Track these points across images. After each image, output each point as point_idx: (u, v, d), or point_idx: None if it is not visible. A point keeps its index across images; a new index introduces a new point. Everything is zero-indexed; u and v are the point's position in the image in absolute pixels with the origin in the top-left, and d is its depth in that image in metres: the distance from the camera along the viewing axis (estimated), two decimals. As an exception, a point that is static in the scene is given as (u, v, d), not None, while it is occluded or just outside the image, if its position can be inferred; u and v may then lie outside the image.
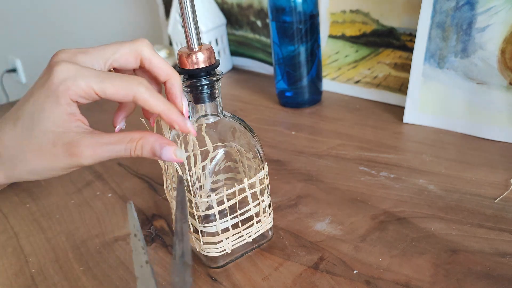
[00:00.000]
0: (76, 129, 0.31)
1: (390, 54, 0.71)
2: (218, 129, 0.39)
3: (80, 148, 0.31)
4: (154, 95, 0.31)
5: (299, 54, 0.70)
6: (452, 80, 0.60)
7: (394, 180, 0.51)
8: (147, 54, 0.34)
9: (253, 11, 0.90)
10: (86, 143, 0.31)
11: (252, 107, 0.77)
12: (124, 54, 0.33)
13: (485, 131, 0.58)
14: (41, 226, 0.50)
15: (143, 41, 0.34)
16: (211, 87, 0.37)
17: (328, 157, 0.58)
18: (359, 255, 0.40)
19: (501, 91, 0.56)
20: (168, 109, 0.32)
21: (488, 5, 0.55)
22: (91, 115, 0.86)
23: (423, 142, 0.59)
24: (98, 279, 0.41)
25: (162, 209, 0.50)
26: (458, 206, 0.45)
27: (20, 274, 0.43)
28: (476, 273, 0.37)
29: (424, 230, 0.43)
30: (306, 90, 0.73)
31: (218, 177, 0.42)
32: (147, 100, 0.31)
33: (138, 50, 0.34)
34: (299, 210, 0.48)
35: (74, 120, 0.31)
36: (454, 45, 0.59)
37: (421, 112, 0.63)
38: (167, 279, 0.40)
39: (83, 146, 0.31)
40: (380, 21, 0.70)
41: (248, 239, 0.41)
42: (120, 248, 0.45)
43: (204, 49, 0.35)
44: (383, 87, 0.72)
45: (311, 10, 0.68)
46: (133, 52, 0.34)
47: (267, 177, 0.40)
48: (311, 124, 0.68)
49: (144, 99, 0.31)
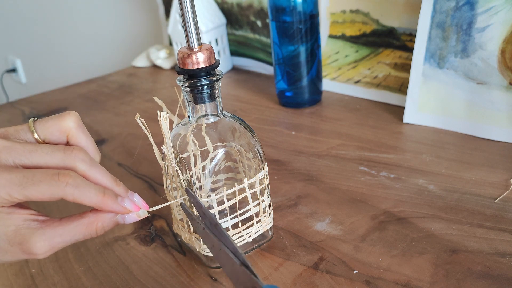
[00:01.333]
0: (25, 225, 0.29)
1: (390, 54, 0.71)
2: (218, 129, 0.39)
3: (35, 247, 0.29)
4: (84, 191, 0.29)
5: (299, 54, 0.70)
6: (452, 80, 0.60)
7: (394, 180, 0.51)
8: (80, 171, 0.30)
9: (253, 11, 0.90)
10: (39, 240, 0.29)
11: (252, 107, 0.77)
12: (52, 166, 0.29)
13: (485, 131, 0.58)
14: (41, 226, 0.50)
15: (75, 155, 0.30)
16: (211, 87, 0.37)
17: (328, 157, 0.58)
18: (359, 255, 0.40)
19: (501, 91, 0.56)
20: (101, 201, 0.30)
21: (488, 5, 0.55)
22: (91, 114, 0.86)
23: (423, 142, 0.59)
24: (98, 279, 0.41)
25: (162, 209, 0.50)
26: (458, 206, 0.45)
27: (20, 274, 0.43)
28: (476, 273, 0.37)
29: (424, 230, 0.43)
30: (306, 90, 0.73)
31: (218, 177, 0.42)
32: (77, 199, 0.29)
33: (68, 166, 0.30)
34: (299, 210, 0.48)
35: (16, 218, 0.29)
36: (454, 45, 0.59)
37: (421, 112, 0.63)
38: (167, 279, 0.40)
39: (38, 244, 0.29)
40: (380, 21, 0.70)
41: (248, 239, 0.41)
42: (120, 248, 0.45)
43: (204, 49, 0.35)
44: (383, 87, 0.72)
45: (311, 10, 0.68)
46: (63, 165, 0.30)
47: (267, 177, 0.40)
48: (311, 124, 0.68)
49: (74, 199, 0.29)
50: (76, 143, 0.32)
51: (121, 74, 1.07)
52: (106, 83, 1.01)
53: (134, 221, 0.32)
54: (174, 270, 0.41)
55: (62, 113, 0.32)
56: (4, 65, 1.95)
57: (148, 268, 0.42)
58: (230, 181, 0.43)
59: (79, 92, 0.96)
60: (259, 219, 0.41)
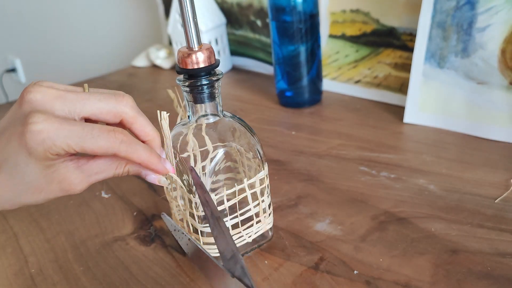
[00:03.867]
0: (63, 165, 0.31)
1: (390, 54, 0.70)
2: (218, 129, 0.39)
3: (72, 184, 0.31)
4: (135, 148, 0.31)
5: (299, 54, 0.70)
6: (452, 80, 0.60)
7: (395, 180, 0.51)
8: (129, 117, 0.32)
9: (253, 10, 0.90)
10: (77, 178, 0.31)
11: (252, 107, 0.77)
12: (104, 112, 0.32)
13: (486, 131, 0.57)
14: (40, 226, 0.50)
15: (126, 101, 0.32)
16: (211, 87, 0.37)
17: (328, 157, 0.57)
18: (359, 255, 0.40)
19: (502, 91, 0.56)
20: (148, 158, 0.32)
21: (488, 5, 0.55)
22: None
23: (424, 142, 0.59)
24: (98, 279, 0.41)
25: (162, 209, 0.50)
26: (458, 206, 0.45)
27: (19, 274, 0.43)
28: (476, 273, 0.37)
29: (424, 230, 0.42)
30: (306, 90, 0.73)
31: (218, 177, 0.42)
32: (128, 155, 0.31)
33: (119, 111, 0.32)
34: (299, 210, 0.48)
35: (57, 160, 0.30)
36: (455, 44, 0.58)
37: (422, 112, 0.63)
38: (167, 279, 0.40)
39: (75, 181, 0.31)
40: (381, 21, 0.70)
41: (248, 239, 0.41)
42: (119, 248, 0.45)
43: (204, 48, 0.35)
44: (383, 87, 0.72)
45: (311, 10, 0.68)
46: (114, 112, 0.32)
47: (267, 177, 0.40)
48: (311, 124, 0.68)
49: (126, 155, 0.31)
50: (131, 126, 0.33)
51: (121, 73, 1.07)
52: (106, 83, 1.01)
53: (152, 182, 0.34)
54: (174, 270, 0.41)
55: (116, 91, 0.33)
56: (3, 65, 1.95)
57: (148, 268, 0.42)
58: (230, 181, 0.43)
59: (79, 92, 0.96)
60: (259, 219, 0.41)
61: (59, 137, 0.29)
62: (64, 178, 0.31)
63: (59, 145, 0.29)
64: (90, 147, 0.29)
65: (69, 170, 0.31)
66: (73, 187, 0.31)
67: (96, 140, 0.29)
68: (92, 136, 0.29)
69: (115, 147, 0.30)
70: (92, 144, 0.29)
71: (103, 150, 0.30)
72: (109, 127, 0.30)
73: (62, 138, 0.29)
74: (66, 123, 0.29)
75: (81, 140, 0.29)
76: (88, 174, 0.31)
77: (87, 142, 0.29)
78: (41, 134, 0.28)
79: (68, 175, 0.31)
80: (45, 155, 0.29)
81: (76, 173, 0.31)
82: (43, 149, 0.29)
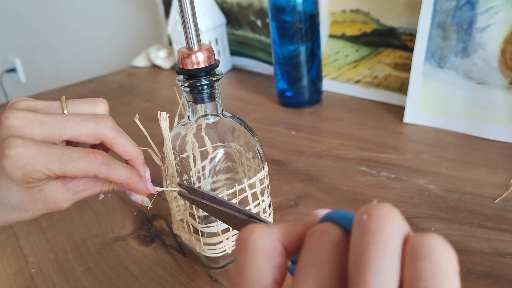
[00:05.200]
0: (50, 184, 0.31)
1: (390, 54, 0.70)
2: (218, 129, 0.39)
3: (58, 202, 0.32)
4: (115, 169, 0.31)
5: (299, 54, 0.70)
6: (452, 80, 0.60)
7: (395, 180, 0.51)
8: (109, 138, 0.32)
9: (253, 10, 0.90)
10: (63, 196, 0.32)
11: (252, 107, 0.77)
12: (84, 134, 0.31)
13: (486, 131, 0.57)
14: (40, 226, 0.50)
15: (106, 123, 0.32)
16: (211, 87, 0.37)
17: (328, 157, 0.57)
18: (359, 255, 0.40)
19: (502, 91, 0.56)
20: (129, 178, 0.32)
21: (488, 5, 0.55)
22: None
23: (424, 142, 0.59)
24: (98, 279, 0.41)
25: (162, 209, 0.50)
26: (458, 206, 0.45)
27: (19, 274, 0.43)
28: (476, 273, 0.37)
29: (424, 230, 0.42)
30: (306, 90, 0.73)
31: (218, 177, 0.42)
32: (109, 176, 0.31)
33: (98, 133, 0.31)
34: (299, 210, 0.48)
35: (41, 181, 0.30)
36: (455, 44, 0.58)
37: (422, 112, 0.63)
38: (167, 279, 0.40)
39: (61, 199, 0.32)
40: (381, 21, 0.70)
41: (248, 239, 0.40)
42: (120, 248, 0.45)
43: (204, 49, 0.35)
44: (383, 87, 0.72)
45: (311, 10, 0.68)
46: (93, 134, 0.31)
47: (267, 177, 0.40)
48: (311, 124, 0.68)
49: (106, 176, 0.31)
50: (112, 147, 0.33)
51: (121, 74, 1.07)
52: (105, 83, 1.01)
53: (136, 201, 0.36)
54: (174, 270, 0.41)
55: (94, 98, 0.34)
56: (3, 65, 1.95)
57: (148, 268, 0.42)
58: (230, 181, 0.43)
59: (78, 92, 0.96)
60: (259, 219, 0.41)
61: (38, 162, 0.29)
62: (50, 197, 0.31)
63: (39, 169, 0.29)
64: (71, 170, 0.30)
65: (56, 189, 0.31)
66: (59, 205, 0.32)
67: (76, 163, 0.30)
68: (72, 159, 0.29)
69: (95, 169, 0.30)
70: (73, 167, 0.30)
71: (83, 172, 0.30)
72: (89, 149, 0.31)
73: (42, 162, 0.29)
74: (45, 147, 0.29)
75: (61, 163, 0.29)
76: (74, 192, 0.32)
77: (67, 165, 0.29)
78: (20, 160, 0.28)
79: (54, 194, 0.31)
80: (26, 179, 0.29)
81: (62, 191, 0.31)
82: (23, 174, 0.29)
